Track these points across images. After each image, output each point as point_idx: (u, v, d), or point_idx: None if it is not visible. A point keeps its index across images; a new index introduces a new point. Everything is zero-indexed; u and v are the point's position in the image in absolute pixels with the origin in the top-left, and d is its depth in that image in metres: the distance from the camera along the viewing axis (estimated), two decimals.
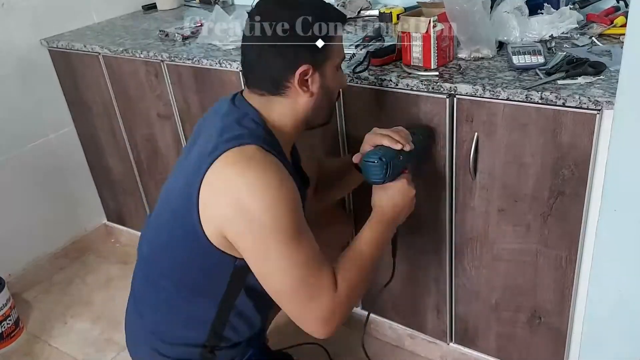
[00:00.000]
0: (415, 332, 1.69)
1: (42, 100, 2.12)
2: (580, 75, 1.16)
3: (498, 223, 1.33)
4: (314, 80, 1.07)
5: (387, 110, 1.36)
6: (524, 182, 1.24)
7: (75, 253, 2.36)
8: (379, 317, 1.75)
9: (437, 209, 1.41)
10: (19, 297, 2.14)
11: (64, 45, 1.98)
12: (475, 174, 1.29)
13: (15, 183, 2.10)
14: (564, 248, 1.27)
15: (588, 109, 1.09)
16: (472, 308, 1.50)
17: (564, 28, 1.39)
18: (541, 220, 1.26)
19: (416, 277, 1.56)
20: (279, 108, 1.10)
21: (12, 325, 1.95)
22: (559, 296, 1.33)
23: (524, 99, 1.15)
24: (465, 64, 1.32)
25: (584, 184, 1.17)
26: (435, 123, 1.29)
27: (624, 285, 1.07)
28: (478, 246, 1.39)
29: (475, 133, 1.25)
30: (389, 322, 1.74)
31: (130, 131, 2.03)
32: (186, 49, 1.71)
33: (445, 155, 1.32)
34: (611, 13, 1.43)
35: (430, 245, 1.48)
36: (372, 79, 1.33)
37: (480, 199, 1.32)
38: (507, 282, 1.40)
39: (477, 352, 1.58)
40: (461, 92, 1.22)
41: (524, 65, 1.24)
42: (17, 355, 1.93)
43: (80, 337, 1.96)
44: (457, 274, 1.47)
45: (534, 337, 1.43)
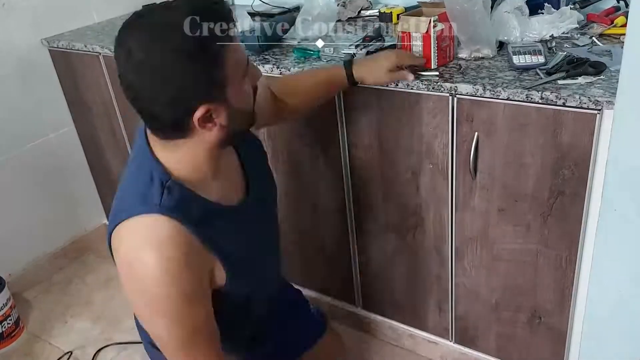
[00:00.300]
0: (415, 331, 1.69)
1: (42, 100, 2.12)
2: (581, 75, 1.17)
3: (498, 223, 1.33)
4: (218, 113, 0.90)
5: (387, 110, 1.36)
6: (524, 182, 1.24)
7: (75, 253, 2.36)
8: (379, 316, 1.75)
9: (438, 208, 1.41)
10: (19, 297, 2.14)
11: (64, 45, 1.98)
12: (475, 173, 1.29)
13: (15, 183, 2.10)
14: (564, 248, 1.27)
15: (588, 108, 1.09)
16: (472, 308, 1.50)
17: (564, 28, 1.39)
18: (541, 220, 1.26)
19: (417, 276, 1.56)
20: (187, 150, 0.95)
21: (12, 325, 1.95)
22: (559, 296, 1.33)
23: (524, 99, 1.15)
24: (465, 63, 1.32)
25: (584, 184, 1.17)
26: (436, 123, 1.29)
27: (624, 285, 1.07)
28: (478, 246, 1.39)
29: (476, 133, 1.25)
30: (389, 321, 1.74)
31: (130, 131, 2.03)
32: None
33: (445, 155, 1.32)
34: (611, 13, 1.43)
35: (430, 244, 1.48)
36: None
37: (481, 199, 1.32)
38: (507, 282, 1.40)
39: (477, 352, 1.58)
40: (461, 92, 1.22)
41: (525, 65, 1.24)
42: (17, 355, 1.93)
43: (81, 337, 1.96)
44: (457, 274, 1.47)
45: (534, 337, 1.43)
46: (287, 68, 1.44)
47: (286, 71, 1.44)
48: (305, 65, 1.45)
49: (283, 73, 1.45)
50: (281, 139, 1.60)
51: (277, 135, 1.60)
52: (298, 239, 1.77)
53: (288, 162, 1.63)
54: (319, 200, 1.64)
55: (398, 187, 1.45)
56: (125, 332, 1.94)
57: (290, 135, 1.57)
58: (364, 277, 1.69)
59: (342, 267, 1.72)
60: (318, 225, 1.69)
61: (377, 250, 1.60)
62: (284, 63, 1.47)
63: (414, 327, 1.69)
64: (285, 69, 1.45)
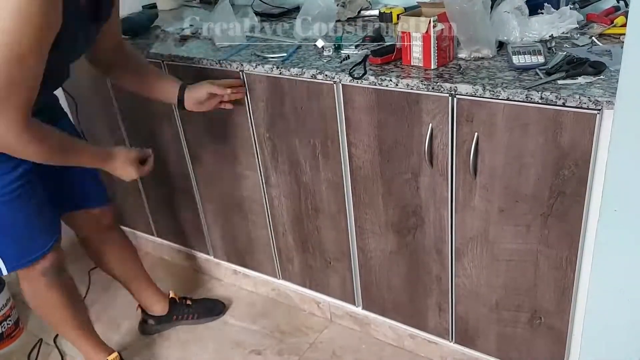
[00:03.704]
0: (415, 331, 1.69)
1: None
2: (581, 75, 1.17)
3: (498, 223, 1.33)
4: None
5: (387, 110, 1.36)
6: (524, 182, 1.24)
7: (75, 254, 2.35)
8: (379, 316, 1.75)
9: (438, 208, 1.41)
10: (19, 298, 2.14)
11: None
12: (475, 174, 1.29)
13: None
14: (564, 248, 1.27)
15: (588, 108, 1.09)
16: (472, 308, 1.50)
17: (564, 28, 1.39)
18: (541, 220, 1.26)
19: (417, 276, 1.56)
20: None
21: (12, 326, 1.95)
22: (559, 296, 1.33)
23: (524, 99, 1.15)
24: (465, 64, 1.32)
25: (584, 184, 1.17)
26: (436, 123, 1.29)
27: (624, 285, 1.07)
28: (478, 246, 1.39)
29: (476, 133, 1.25)
30: (390, 321, 1.74)
31: (130, 131, 2.03)
32: (186, 49, 1.71)
33: (445, 155, 1.32)
34: (611, 13, 1.43)
35: (430, 244, 1.48)
36: (372, 79, 1.33)
37: (481, 199, 1.32)
38: (507, 282, 1.40)
39: (477, 352, 1.58)
40: (461, 92, 1.22)
41: (524, 65, 1.24)
42: (17, 355, 1.94)
43: None
44: (457, 274, 1.47)
45: (534, 337, 1.43)
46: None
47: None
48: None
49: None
50: (281, 139, 1.60)
51: (277, 135, 1.60)
52: (298, 238, 1.77)
53: (288, 162, 1.63)
54: (319, 200, 1.64)
55: (398, 187, 1.45)
56: (125, 334, 1.94)
57: (290, 135, 1.57)
58: (364, 277, 1.69)
59: (342, 268, 1.72)
60: (318, 225, 1.69)
61: (377, 250, 1.60)
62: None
63: (414, 327, 1.69)
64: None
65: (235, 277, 2.12)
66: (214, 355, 1.84)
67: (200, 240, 2.11)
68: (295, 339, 1.84)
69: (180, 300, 1.95)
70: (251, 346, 1.85)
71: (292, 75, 1.46)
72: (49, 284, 1.50)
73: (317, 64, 1.45)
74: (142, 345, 1.87)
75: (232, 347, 1.86)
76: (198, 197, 1.98)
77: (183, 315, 1.94)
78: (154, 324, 1.92)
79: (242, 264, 2.04)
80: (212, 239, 2.06)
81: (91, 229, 1.69)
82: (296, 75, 1.45)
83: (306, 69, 1.42)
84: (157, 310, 1.91)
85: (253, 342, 1.86)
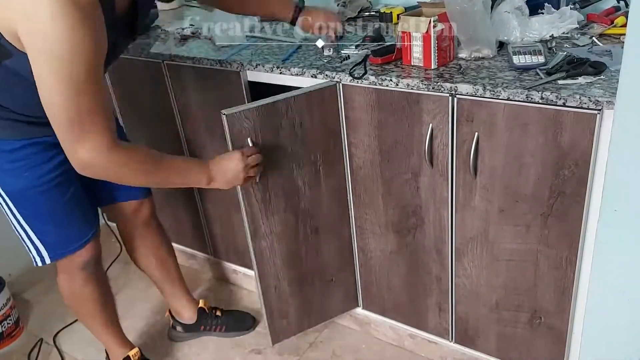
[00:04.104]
0: (415, 331, 1.69)
1: None
2: (581, 75, 1.17)
3: (498, 223, 1.33)
4: None
5: (387, 110, 1.36)
6: (524, 182, 1.24)
7: None
8: (379, 316, 1.75)
9: (438, 208, 1.41)
10: (19, 297, 2.14)
11: None
12: (475, 174, 1.30)
13: None
14: (564, 248, 1.27)
15: (588, 108, 1.09)
16: (472, 308, 1.50)
17: (564, 28, 1.39)
18: (541, 220, 1.26)
19: (417, 276, 1.56)
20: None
21: (12, 325, 1.95)
22: (559, 296, 1.33)
23: (525, 99, 1.15)
24: (465, 63, 1.32)
25: (584, 184, 1.17)
26: (436, 123, 1.29)
27: (624, 285, 1.07)
28: (478, 246, 1.39)
29: (476, 133, 1.25)
30: (390, 321, 1.74)
31: (130, 131, 2.03)
32: (186, 48, 1.72)
33: (445, 155, 1.32)
34: (611, 13, 1.44)
35: (430, 244, 1.48)
36: (372, 79, 1.33)
37: (481, 199, 1.32)
38: (507, 282, 1.40)
39: (477, 352, 1.58)
40: (461, 92, 1.22)
41: (525, 65, 1.24)
42: (17, 355, 1.94)
43: (80, 337, 1.96)
44: (457, 274, 1.47)
45: (534, 337, 1.43)
46: None
47: None
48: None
49: None
50: (274, 177, 1.57)
51: (268, 174, 1.57)
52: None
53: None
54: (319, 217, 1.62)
55: (398, 187, 1.45)
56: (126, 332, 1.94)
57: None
58: (364, 277, 1.69)
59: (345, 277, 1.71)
60: (318, 248, 1.68)
61: (377, 251, 1.60)
62: None
63: (414, 327, 1.69)
64: None
65: (235, 276, 2.12)
66: (214, 355, 1.84)
67: (200, 240, 2.11)
68: (295, 339, 1.84)
69: (209, 310, 1.90)
70: (251, 346, 1.85)
71: (292, 74, 1.45)
72: (87, 279, 1.51)
73: (317, 64, 1.45)
74: (142, 345, 1.87)
75: (232, 346, 1.86)
76: (198, 197, 1.98)
77: (211, 326, 1.89)
78: (181, 331, 1.89)
79: (242, 264, 2.04)
80: (212, 239, 2.06)
81: (128, 222, 1.66)
82: (296, 74, 1.44)
83: (306, 69, 1.42)
84: (185, 317, 1.88)
85: (253, 342, 1.87)
